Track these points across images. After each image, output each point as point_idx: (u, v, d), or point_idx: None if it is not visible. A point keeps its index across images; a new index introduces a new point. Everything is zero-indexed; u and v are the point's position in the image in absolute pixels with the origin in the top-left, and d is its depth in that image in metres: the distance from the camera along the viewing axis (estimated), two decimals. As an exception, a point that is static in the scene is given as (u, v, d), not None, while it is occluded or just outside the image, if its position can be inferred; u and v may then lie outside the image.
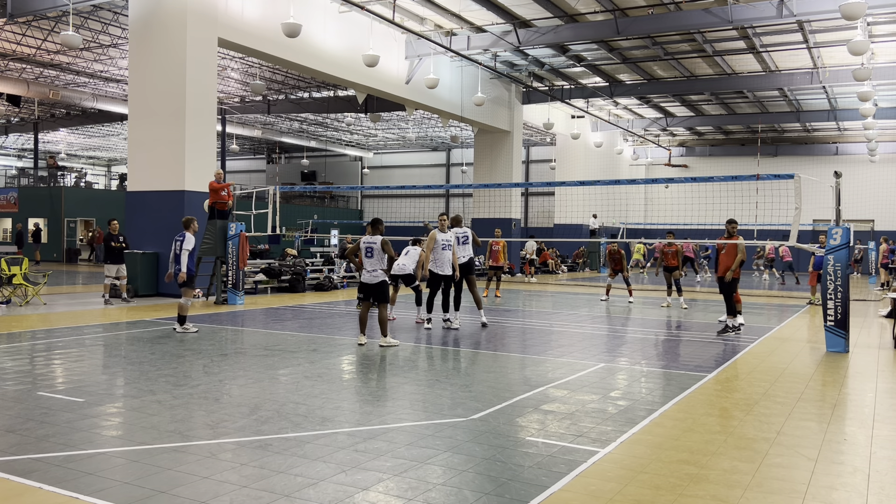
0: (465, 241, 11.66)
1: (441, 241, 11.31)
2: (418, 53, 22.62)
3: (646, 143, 40.04)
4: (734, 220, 12.15)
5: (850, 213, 29.44)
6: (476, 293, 11.80)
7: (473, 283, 11.81)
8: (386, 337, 9.65)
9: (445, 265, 11.33)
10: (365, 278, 9.58)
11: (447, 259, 11.32)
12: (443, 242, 11.31)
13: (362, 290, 9.76)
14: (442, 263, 11.32)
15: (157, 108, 16.14)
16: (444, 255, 11.30)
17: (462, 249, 11.63)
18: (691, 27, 19.15)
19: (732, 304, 11.59)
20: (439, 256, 11.30)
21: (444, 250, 11.30)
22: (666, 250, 16.11)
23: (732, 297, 11.58)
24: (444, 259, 11.30)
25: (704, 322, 13.40)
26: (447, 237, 11.36)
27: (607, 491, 4.31)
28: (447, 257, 11.31)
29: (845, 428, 5.95)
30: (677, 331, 12.12)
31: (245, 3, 17.25)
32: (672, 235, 16.26)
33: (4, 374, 7.39)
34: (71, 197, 32.75)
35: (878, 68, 23.06)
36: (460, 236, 11.66)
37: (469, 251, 11.70)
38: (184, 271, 10.69)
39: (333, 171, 47.85)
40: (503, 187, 26.49)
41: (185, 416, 5.83)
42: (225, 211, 15.42)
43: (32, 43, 23.00)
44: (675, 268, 15.98)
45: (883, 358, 9.54)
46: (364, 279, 9.61)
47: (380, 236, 9.67)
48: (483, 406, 6.33)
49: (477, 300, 11.80)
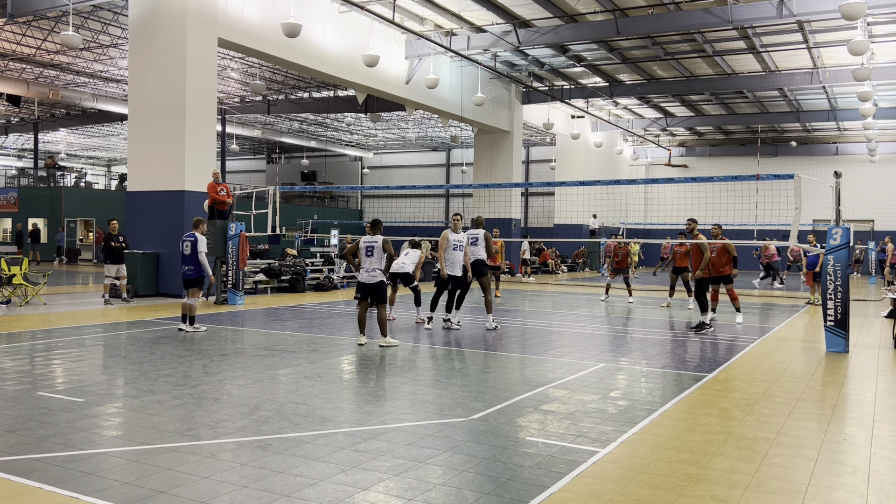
0: (474, 243, 11.53)
1: (453, 241, 11.26)
2: (418, 53, 22.62)
3: (646, 143, 40.04)
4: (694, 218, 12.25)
5: (850, 213, 29.44)
6: (488, 297, 11.54)
7: (486, 286, 11.54)
8: (386, 337, 9.64)
9: (456, 266, 11.27)
10: (363, 278, 9.54)
11: (458, 259, 11.26)
12: (454, 242, 11.25)
13: (360, 290, 9.67)
14: (452, 264, 11.28)
15: (157, 108, 16.13)
16: (454, 256, 11.24)
17: (470, 251, 11.45)
18: (691, 27, 19.15)
19: (705, 302, 11.91)
20: (450, 256, 11.25)
21: (455, 250, 11.22)
22: (678, 251, 15.61)
23: (705, 296, 11.94)
24: (455, 259, 11.26)
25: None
26: (460, 237, 11.29)
27: (607, 491, 4.31)
28: (458, 258, 11.26)
29: (845, 428, 5.95)
30: (677, 331, 12.12)
31: (245, 3, 17.25)
32: (683, 236, 15.55)
33: (4, 374, 7.39)
34: (71, 197, 32.75)
35: (878, 68, 23.05)
36: (471, 237, 11.57)
37: (478, 253, 11.47)
38: (211, 275, 11.07)
39: (333, 171, 47.84)
40: (503, 187, 26.49)
41: (185, 416, 5.83)
42: (225, 211, 15.42)
43: (32, 43, 22.99)
44: (686, 269, 15.45)
45: (883, 358, 9.54)
46: (362, 279, 9.56)
47: (381, 236, 9.63)
48: (483, 406, 6.33)
49: (487, 304, 11.53)
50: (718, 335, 11.40)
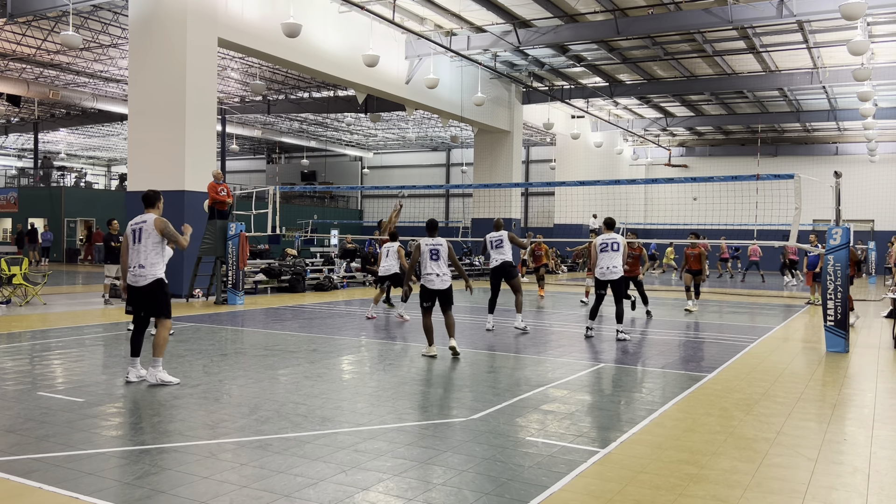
0: (499, 245, 11.56)
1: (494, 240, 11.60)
2: (418, 53, 22.62)
3: (646, 143, 40.04)
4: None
5: (850, 213, 29.43)
6: (519, 298, 11.44)
7: (517, 286, 11.39)
8: (454, 338, 8.96)
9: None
10: (434, 284, 8.76)
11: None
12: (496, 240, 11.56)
13: (429, 297, 8.84)
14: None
15: (157, 108, 16.13)
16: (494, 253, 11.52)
17: (496, 253, 11.52)
18: (691, 27, 19.15)
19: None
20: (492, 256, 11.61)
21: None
22: (688, 252, 15.22)
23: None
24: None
25: (705, 322, 13.40)
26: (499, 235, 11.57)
27: (607, 491, 4.31)
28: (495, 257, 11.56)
29: (845, 428, 5.95)
30: (677, 331, 12.11)
31: (245, 3, 17.25)
32: (695, 236, 15.33)
33: (4, 374, 7.39)
34: (71, 197, 32.75)
35: (878, 68, 23.05)
36: (494, 240, 11.66)
37: (503, 254, 11.49)
38: None
39: (333, 171, 47.83)
40: (503, 187, 26.50)
41: (185, 416, 5.83)
42: (225, 211, 15.42)
43: (32, 43, 22.99)
44: (699, 271, 15.16)
45: (883, 358, 9.54)
46: (433, 285, 8.76)
47: (442, 239, 8.99)
48: (483, 406, 6.33)
49: (518, 304, 11.43)
50: (718, 335, 11.39)
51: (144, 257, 7.03)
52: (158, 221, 7.08)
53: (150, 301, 7.09)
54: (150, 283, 7.01)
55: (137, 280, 7.03)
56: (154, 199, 7.31)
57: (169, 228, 7.08)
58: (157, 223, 7.07)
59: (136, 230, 7.11)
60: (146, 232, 7.06)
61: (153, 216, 7.16)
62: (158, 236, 7.07)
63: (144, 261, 7.02)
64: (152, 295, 7.05)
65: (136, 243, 7.06)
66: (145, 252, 7.03)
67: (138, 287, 7.04)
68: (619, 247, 10.58)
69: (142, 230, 7.08)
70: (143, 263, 7.01)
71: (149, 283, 7.01)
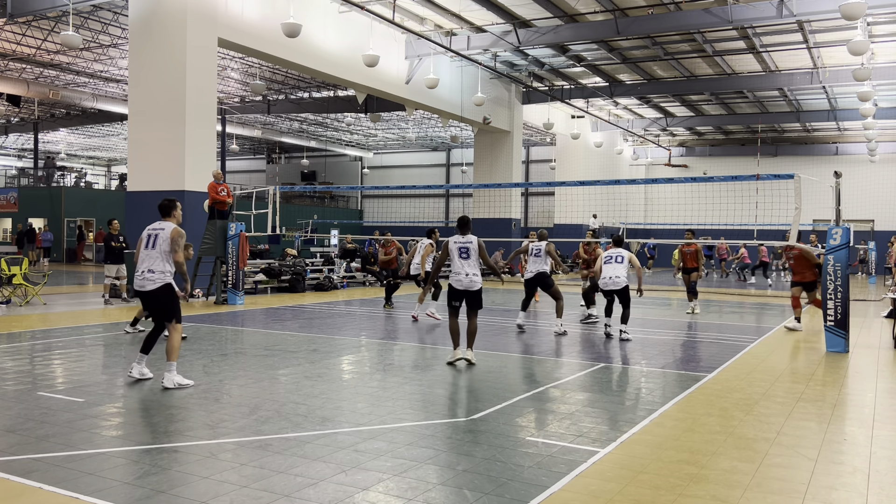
0: (537, 254, 11.62)
1: (533, 248, 11.65)
2: (418, 53, 22.62)
3: (646, 143, 40.03)
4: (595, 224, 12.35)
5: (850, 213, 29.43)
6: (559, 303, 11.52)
7: (557, 294, 11.47)
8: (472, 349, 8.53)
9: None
10: (463, 283, 8.38)
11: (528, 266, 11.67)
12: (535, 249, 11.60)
13: (457, 297, 8.45)
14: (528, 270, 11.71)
15: (157, 108, 16.13)
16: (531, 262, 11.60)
17: (533, 263, 11.58)
18: (691, 27, 19.15)
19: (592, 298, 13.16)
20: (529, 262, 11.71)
21: (535, 257, 11.54)
22: (684, 250, 15.09)
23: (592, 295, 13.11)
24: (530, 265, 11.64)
25: (705, 322, 13.39)
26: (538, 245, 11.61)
27: (607, 491, 4.31)
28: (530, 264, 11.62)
29: (845, 428, 5.95)
30: (678, 331, 12.11)
31: (245, 3, 17.25)
32: (691, 234, 15.15)
33: (4, 374, 7.39)
34: (71, 197, 32.74)
35: (878, 68, 23.05)
36: (534, 249, 11.74)
37: (540, 265, 11.53)
38: None
39: (333, 171, 47.83)
40: (503, 187, 26.50)
41: (185, 416, 5.84)
42: (225, 211, 15.42)
43: (32, 43, 22.99)
44: (695, 269, 14.97)
45: (883, 358, 9.54)
46: (462, 285, 8.39)
47: (473, 236, 8.63)
48: (483, 406, 6.33)
49: (558, 309, 11.50)
50: (718, 335, 11.39)
51: (155, 263, 7.02)
52: (175, 232, 7.09)
53: (158, 306, 7.11)
54: (158, 287, 6.99)
55: (144, 284, 7.03)
56: (170, 208, 7.31)
57: (180, 242, 7.08)
58: (174, 233, 7.07)
59: (152, 236, 7.11)
60: (162, 239, 7.04)
61: (172, 225, 7.15)
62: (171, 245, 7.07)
63: (154, 266, 7.01)
64: (160, 300, 7.05)
65: (149, 248, 7.06)
66: (157, 258, 7.02)
67: (145, 291, 7.05)
68: (623, 259, 11.01)
69: (157, 237, 7.07)
70: (152, 269, 7.01)
71: (157, 288, 6.99)
